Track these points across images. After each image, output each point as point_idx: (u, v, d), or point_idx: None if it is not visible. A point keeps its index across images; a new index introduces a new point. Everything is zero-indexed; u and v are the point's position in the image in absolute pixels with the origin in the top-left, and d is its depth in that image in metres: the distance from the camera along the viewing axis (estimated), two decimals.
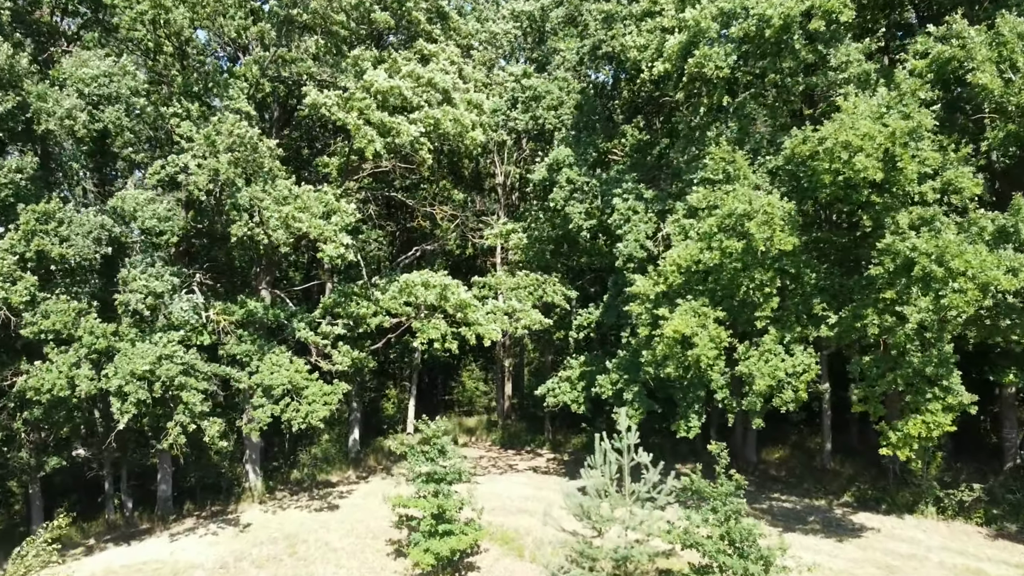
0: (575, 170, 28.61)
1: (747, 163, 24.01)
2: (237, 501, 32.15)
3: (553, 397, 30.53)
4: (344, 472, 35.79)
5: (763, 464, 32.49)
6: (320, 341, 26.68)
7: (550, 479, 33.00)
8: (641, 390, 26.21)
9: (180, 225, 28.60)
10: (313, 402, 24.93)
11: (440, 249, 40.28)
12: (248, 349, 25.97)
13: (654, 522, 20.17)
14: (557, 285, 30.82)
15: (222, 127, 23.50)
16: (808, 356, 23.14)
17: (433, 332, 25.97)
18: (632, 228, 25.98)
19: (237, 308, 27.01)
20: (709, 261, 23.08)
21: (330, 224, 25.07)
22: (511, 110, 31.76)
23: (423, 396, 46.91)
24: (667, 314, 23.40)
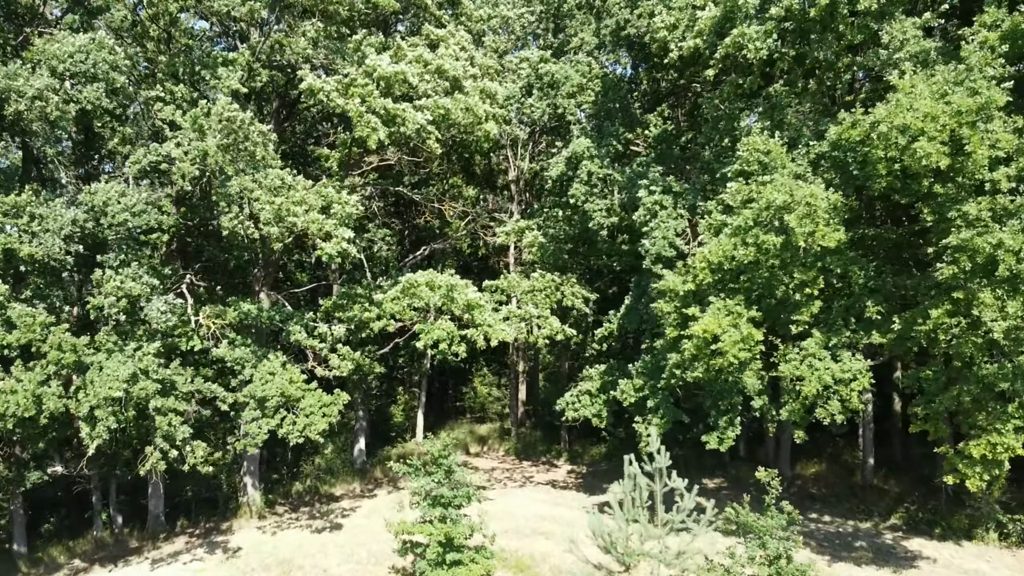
0: (596, 163, 26.04)
1: (784, 151, 21.38)
2: (234, 517, 29.79)
3: (573, 411, 27.96)
4: (349, 485, 33.36)
5: (799, 479, 29.78)
6: (317, 345, 24.24)
7: (568, 494, 30.45)
8: (667, 397, 23.60)
9: (170, 222, 26.37)
10: (311, 414, 22.47)
11: (450, 248, 37.77)
12: (240, 356, 23.56)
13: (691, 556, 17.59)
14: (576, 287, 28.21)
15: (212, 109, 21.11)
16: (858, 362, 20.51)
17: (438, 333, 23.46)
18: (659, 224, 23.39)
19: (230, 310, 24.63)
20: (744, 258, 20.48)
21: (329, 218, 22.65)
22: (526, 97, 29.22)
23: (433, 402, 44.50)
24: (698, 313, 20.80)
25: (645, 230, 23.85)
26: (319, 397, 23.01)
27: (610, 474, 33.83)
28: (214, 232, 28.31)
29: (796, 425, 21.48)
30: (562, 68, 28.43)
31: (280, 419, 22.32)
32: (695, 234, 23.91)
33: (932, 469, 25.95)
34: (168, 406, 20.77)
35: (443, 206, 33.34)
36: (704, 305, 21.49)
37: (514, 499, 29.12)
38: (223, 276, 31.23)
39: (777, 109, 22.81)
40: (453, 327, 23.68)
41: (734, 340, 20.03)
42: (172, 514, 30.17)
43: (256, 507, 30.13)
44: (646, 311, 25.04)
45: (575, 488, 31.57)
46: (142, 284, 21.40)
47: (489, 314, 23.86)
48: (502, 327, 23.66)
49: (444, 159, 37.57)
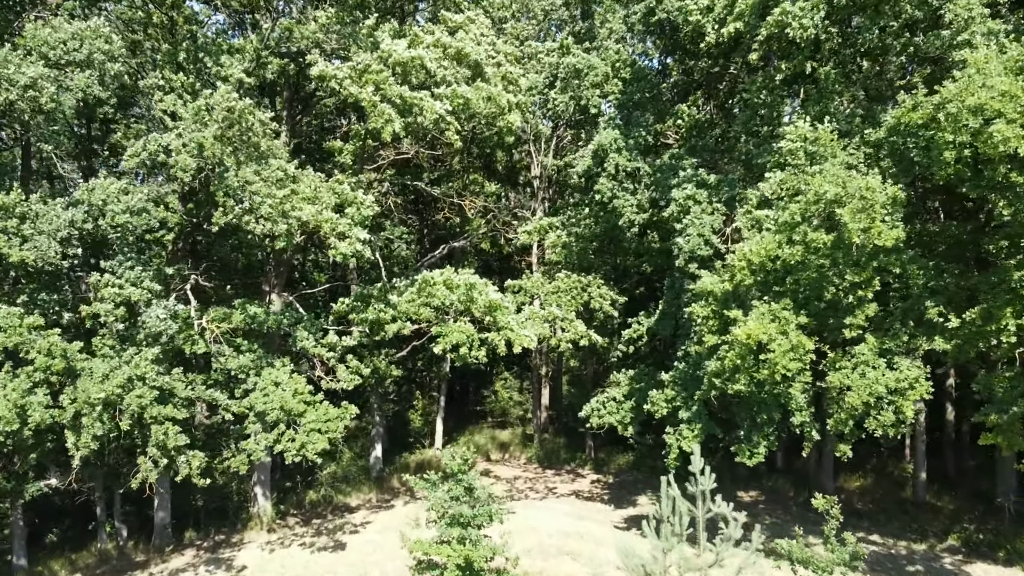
0: (624, 155, 24.11)
1: (835, 139, 19.36)
2: (244, 529, 28.22)
3: (598, 418, 26.05)
4: (365, 494, 31.68)
5: (842, 493, 27.63)
6: (325, 354, 22.53)
7: (594, 507, 28.55)
8: (701, 409, 21.63)
9: (175, 220, 24.84)
10: (312, 431, 20.74)
11: (471, 247, 35.93)
12: (244, 363, 21.91)
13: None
14: (603, 289, 26.27)
15: (213, 99, 19.47)
16: (916, 369, 18.46)
17: (456, 336, 21.63)
18: (693, 220, 21.43)
19: (237, 313, 22.99)
20: (790, 258, 18.49)
21: (343, 217, 20.93)
22: (549, 89, 27.34)
23: (453, 406, 42.74)
24: (739, 317, 18.84)
25: (678, 226, 21.90)
26: (324, 411, 21.30)
27: (637, 485, 31.90)
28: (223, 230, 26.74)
29: (843, 439, 19.48)
30: (585, 58, 26.52)
31: (278, 434, 20.61)
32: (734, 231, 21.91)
33: (991, 485, 23.77)
34: (165, 414, 19.14)
35: (463, 201, 31.48)
36: (745, 309, 19.55)
37: (537, 512, 27.28)
38: (233, 276, 29.67)
39: (825, 94, 20.79)
40: (472, 330, 21.86)
41: (784, 350, 18.07)
42: (180, 525, 28.61)
43: (267, 518, 28.55)
44: (680, 315, 23.07)
45: (601, 500, 29.67)
46: (142, 290, 19.78)
47: (512, 316, 22.01)
48: (526, 332, 21.79)
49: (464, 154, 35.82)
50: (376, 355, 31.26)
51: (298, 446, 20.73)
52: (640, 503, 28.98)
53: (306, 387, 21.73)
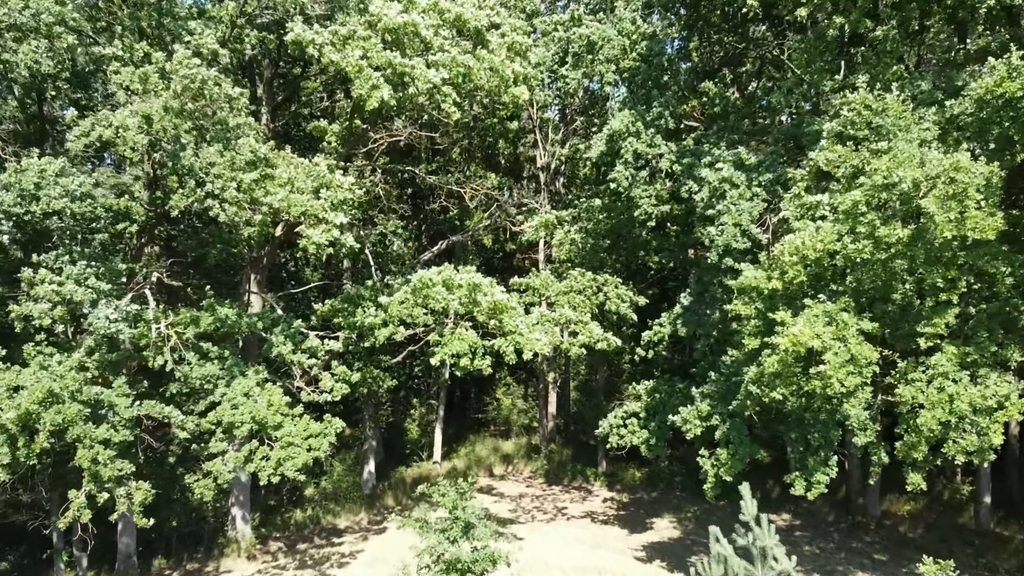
0: (644, 139, 20.83)
1: (909, 110, 16.11)
2: (220, 555, 24.98)
3: (618, 437, 22.79)
4: (356, 514, 28.43)
5: (888, 519, 24.37)
6: (305, 361, 19.28)
7: (609, 532, 25.27)
8: (741, 427, 18.36)
9: (138, 210, 21.64)
10: (289, 445, 17.51)
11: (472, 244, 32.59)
12: (211, 372, 18.67)
13: None
14: (620, 288, 22.96)
15: (170, 65, 16.24)
16: (1006, 384, 15.21)
17: (457, 345, 18.38)
18: (728, 207, 18.15)
19: (204, 316, 19.75)
20: (854, 254, 15.21)
21: (318, 201, 17.71)
22: (559, 65, 24.11)
23: (453, 414, 39.46)
24: (788, 319, 15.56)
25: (709, 213, 18.62)
26: (304, 425, 18.06)
27: (654, 505, 28.62)
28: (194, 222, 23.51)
29: (915, 467, 16.21)
30: (600, 29, 23.27)
31: (249, 451, 17.37)
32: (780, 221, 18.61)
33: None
34: (98, 436, 15.87)
35: (463, 189, 28.12)
36: (795, 309, 16.29)
37: (547, 539, 24.02)
38: (211, 275, 26.42)
39: (883, 58, 17.52)
40: (475, 338, 18.60)
41: (841, 360, 14.82)
42: (149, 551, 25.36)
43: (246, 543, 25.31)
44: (707, 314, 19.76)
45: (616, 522, 26.39)
46: (86, 288, 16.52)
47: (521, 319, 18.75)
48: (536, 336, 18.53)
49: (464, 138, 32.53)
50: (368, 363, 28.04)
51: (274, 464, 17.49)
52: (659, 527, 25.70)
53: (282, 399, 18.47)
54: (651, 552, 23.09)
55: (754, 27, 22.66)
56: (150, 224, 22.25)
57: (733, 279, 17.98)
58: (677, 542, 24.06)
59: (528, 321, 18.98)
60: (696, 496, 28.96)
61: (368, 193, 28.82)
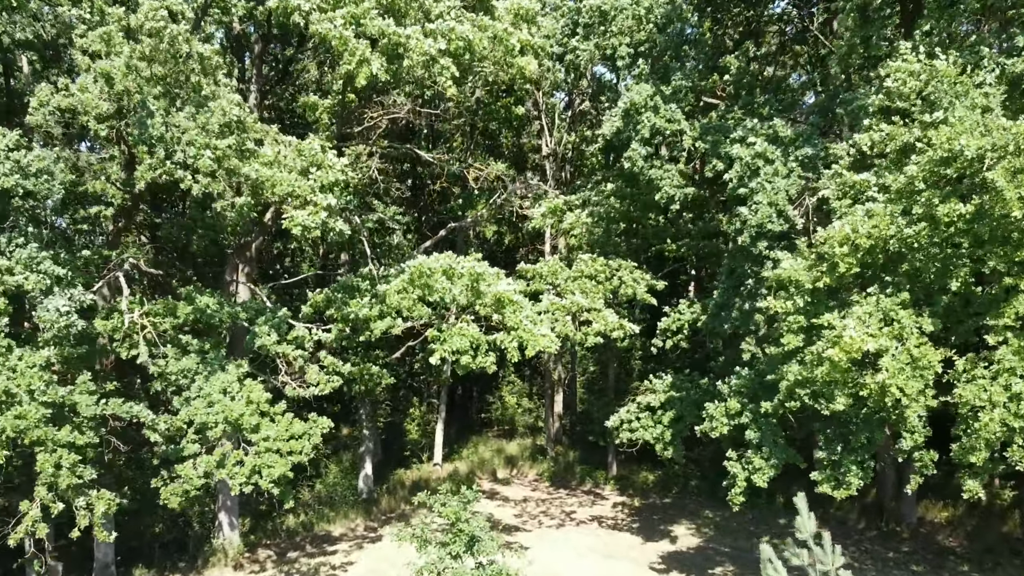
0: (663, 113, 18.90)
1: (969, 77, 14.22)
2: (205, 564, 23.10)
3: (629, 432, 20.88)
4: (351, 521, 26.53)
5: (925, 527, 22.46)
6: (291, 353, 17.38)
7: (622, 539, 23.38)
8: (776, 429, 16.44)
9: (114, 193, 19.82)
10: (267, 451, 15.61)
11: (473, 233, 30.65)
12: (188, 366, 16.80)
13: None
14: (637, 272, 21.00)
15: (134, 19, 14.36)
16: None
17: (458, 341, 16.46)
18: (763, 185, 16.22)
19: (182, 305, 17.87)
20: (911, 238, 13.30)
21: (307, 181, 15.85)
22: (569, 38, 22.19)
23: (455, 414, 37.56)
24: (834, 320, 13.66)
25: (741, 193, 16.69)
26: (286, 425, 16.16)
27: (670, 510, 26.70)
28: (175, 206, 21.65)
29: (973, 473, 14.30)
30: None
31: (221, 455, 15.50)
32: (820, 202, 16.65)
33: None
34: (60, 439, 13.98)
35: (466, 170, 26.12)
36: (841, 304, 14.40)
37: (555, 547, 22.13)
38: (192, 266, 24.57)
39: (933, 13, 15.60)
40: (477, 333, 16.68)
41: (899, 366, 12.96)
42: (129, 560, 23.49)
43: (233, 551, 23.42)
44: (745, 309, 17.82)
45: (629, 530, 24.49)
46: (39, 275, 14.62)
47: (526, 313, 16.84)
48: (543, 331, 16.62)
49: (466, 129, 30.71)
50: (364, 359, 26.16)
51: (247, 472, 15.57)
52: (677, 535, 23.80)
53: (262, 395, 16.57)
54: (669, 562, 21.21)
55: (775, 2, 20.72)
56: (126, 207, 20.35)
57: (770, 269, 16.12)
58: (697, 551, 22.17)
59: (533, 315, 17.07)
60: (714, 501, 27.08)
61: (365, 178, 27.00)
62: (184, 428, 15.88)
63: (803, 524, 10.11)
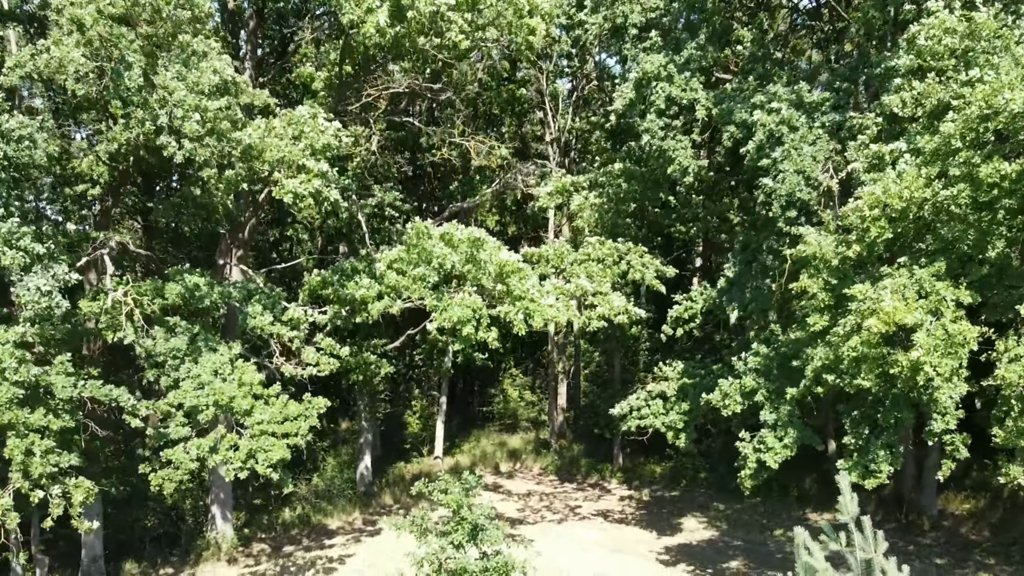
0: (677, 82, 17.92)
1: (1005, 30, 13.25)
2: (198, 559, 22.12)
3: (638, 419, 19.89)
4: (348, 514, 25.54)
5: (946, 519, 21.43)
6: (286, 334, 16.40)
7: (630, 534, 22.37)
8: (793, 409, 15.42)
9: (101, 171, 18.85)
10: (261, 434, 14.63)
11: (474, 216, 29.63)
12: (177, 347, 15.82)
13: None
14: (647, 257, 20.00)
15: None
16: None
17: (458, 311, 15.44)
18: (789, 153, 15.21)
19: (171, 286, 16.88)
20: (948, 201, 12.31)
21: (297, 146, 14.89)
22: (577, 11, 21.24)
23: (456, 408, 36.56)
24: (866, 291, 12.66)
25: (764, 163, 15.69)
26: (281, 407, 15.18)
27: (678, 503, 25.68)
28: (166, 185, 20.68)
29: (1015, 459, 13.32)
30: None
31: (214, 439, 14.51)
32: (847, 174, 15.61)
33: None
34: (32, 423, 13.00)
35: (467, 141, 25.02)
36: (870, 278, 13.41)
37: (559, 541, 21.12)
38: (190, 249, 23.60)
39: None
40: (480, 303, 15.64)
41: (934, 342, 11.98)
42: (119, 554, 22.51)
43: (226, 545, 22.44)
44: (760, 288, 16.81)
45: (637, 523, 23.48)
46: (16, 251, 13.63)
47: (533, 283, 15.85)
48: (550, 302, 15.61)
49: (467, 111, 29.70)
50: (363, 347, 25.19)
51: (243, 456, 14.59)
52: (687, 528, 22.78)
53: (255, 376, 15.58)
54: (679, 556, 20.20)
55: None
56: (114, 185, 19.38)
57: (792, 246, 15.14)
58: (708, 545, 21.16)
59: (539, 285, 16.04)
60: (724, 494, 26.06)
61: (364, 161, 26.04)
62: (172, 411, 14.87)
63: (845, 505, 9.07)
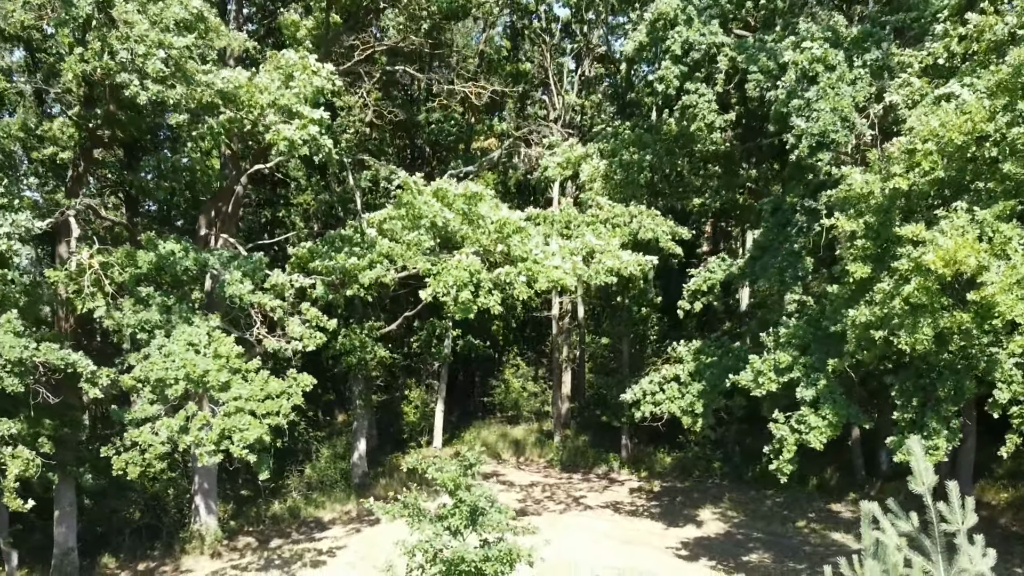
0: (696, 26, 16.27)
1: None
2: (179, 552, 20.54)
3: (651, 404, 18.27)
4: (342, 505, 23.95)
5: (984, 510, 19.80)
6: (268, 303, 14.79)
7: (642, 526, 20.75)
8: (834, 385, 13.77)
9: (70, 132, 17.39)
10: (237, 412, 13.02)
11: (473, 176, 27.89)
12: (148, 318, 14.23)
13: None
14: (659, 218, 18.27)
15: None
16: None
17: (455, 273, 13.79)
18: (824, 92, 13.54)
19: (143, 254, 15.30)
20: (1019, 137, 10.70)
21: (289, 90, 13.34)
22: None
23: (456, 399, 34.94)
24: (919, 231, 11.03)
25: (794, 105, 14.03)
26: (261, 384, 13.57)
27: (693, 494, 24.02)
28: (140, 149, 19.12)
29: None
30: None
31: (185, 417, 12.91)
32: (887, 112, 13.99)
33: None
34: None
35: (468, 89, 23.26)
36: (928, 220, 11.80)
37: (568, 533, 19.49)
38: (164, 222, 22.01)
39: None
40: (479, 265, 13.97)
41: (1008, 283, 10.37)
42: (96, 547, 20.94)
43: (210, 538, 20.83)
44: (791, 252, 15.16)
45: (649, 515, 21.86)
46: None
47: (536, 243, 14.23)
48: (555, 263, 13.97)
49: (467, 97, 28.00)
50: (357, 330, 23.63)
51: (215, 436, 12.97)
52: (703, 519, 21.17)
53: (233, 349, 13.97)
54: (696, 549, 18.58)
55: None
56: (85, 147, 17.80)
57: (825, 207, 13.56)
58: (726, 537, 19.54)
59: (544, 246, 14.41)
60: (739, 484, 24.45)
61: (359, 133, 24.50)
62: (139, 386, 13.27)
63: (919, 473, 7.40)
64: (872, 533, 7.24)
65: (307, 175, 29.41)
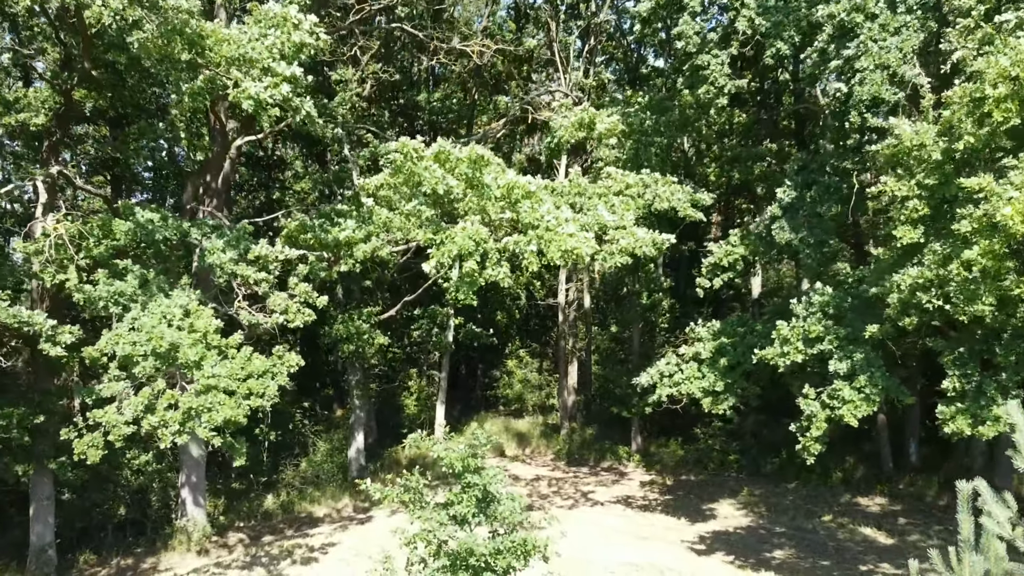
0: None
1: None
2: (164, 548, 19.19)
3: (671, 387, 16.94)
4: (337, 501, 22.62)
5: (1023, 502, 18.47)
6: (251, 275, 13.45)
7: (656, 521, 19.41)
8: (873, 356, 12.41)
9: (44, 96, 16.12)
10: (208, 390, 11.67)
11: None
12: (120, 290, 12.92)
13: None
14: (675, 185, 16.87)
15: None
16: None
17: (460, 242, 12.41)
18: (866, 46, 12.20)
19: (119, 223, 13.98)
20: None
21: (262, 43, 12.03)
22: None
23: (458, 392, 33.63)
24: (987, 184, 9.71)
25: (834, 65, 12.70)
26: (242, 362, 12.23)
27: (709, 488, 22.66)
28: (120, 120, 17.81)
29: None
30: None
31: (149, 396, 11.57)
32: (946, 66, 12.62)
33: None
34: None
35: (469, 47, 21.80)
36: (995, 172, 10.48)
37: (578, 528, 18.10)
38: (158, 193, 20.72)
39: None
40: (485, 233, 12.60)
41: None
42: (77, 543, 19.61)
43: (197, 535, 19.45)
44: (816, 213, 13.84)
45: (662, 509, 20.53)
46: None
47: (548, 208, 12.88)
48: (569, 231, 12.63)
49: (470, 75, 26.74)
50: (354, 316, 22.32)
51: (181, 417, 11.60)
52: (720, 514, 19.84)
53: (211, 323, 12.63)
54: (715, 544, 17.24)
55: None
56: (60, 113, 16.48)
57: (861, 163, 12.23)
58: (748, 532, 18.21)
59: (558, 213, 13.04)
60: (757, 477, 23.13)
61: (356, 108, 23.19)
62: (104, 360, 11.95)
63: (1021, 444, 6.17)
64: (966, 520, 5.90)
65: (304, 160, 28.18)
